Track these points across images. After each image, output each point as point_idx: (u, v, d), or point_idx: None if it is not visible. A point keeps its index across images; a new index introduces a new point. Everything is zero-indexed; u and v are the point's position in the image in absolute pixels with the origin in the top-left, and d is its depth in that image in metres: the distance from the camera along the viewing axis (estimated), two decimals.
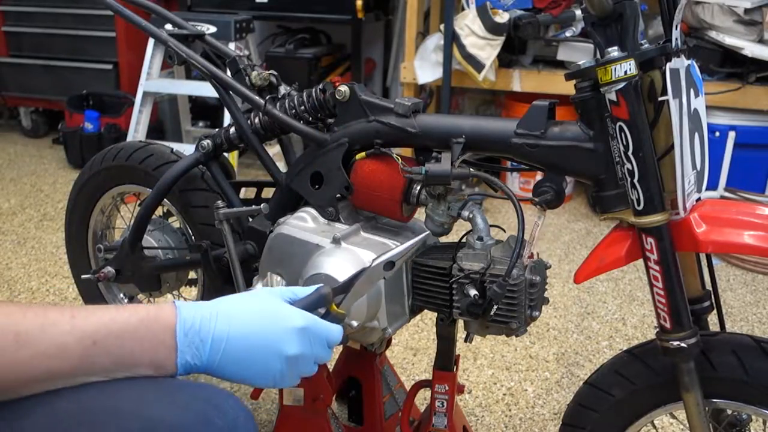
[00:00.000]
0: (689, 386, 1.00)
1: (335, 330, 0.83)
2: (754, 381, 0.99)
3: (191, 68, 1.49)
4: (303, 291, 0.85)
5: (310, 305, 0.83)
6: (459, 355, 1.33)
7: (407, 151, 1.19)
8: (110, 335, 0.71)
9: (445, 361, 1.28)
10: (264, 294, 0.82)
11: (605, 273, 1.13)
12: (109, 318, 0.72)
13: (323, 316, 0.84)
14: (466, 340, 1.20)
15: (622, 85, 0.91)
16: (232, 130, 1.34)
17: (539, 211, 1.05)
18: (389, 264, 0.87)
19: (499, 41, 2.99)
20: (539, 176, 1.07)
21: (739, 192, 2.97)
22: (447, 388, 1.29)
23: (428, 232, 1.14)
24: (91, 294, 1.72)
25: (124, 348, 0.72)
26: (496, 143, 1.08)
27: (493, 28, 2.95)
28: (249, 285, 1.25)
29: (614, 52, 0.91)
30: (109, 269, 1.50)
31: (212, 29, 3.07)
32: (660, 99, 0.94)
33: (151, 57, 3.32)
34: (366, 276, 0.87)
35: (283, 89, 1.33)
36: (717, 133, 2.98)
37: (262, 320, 0.77)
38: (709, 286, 1.11)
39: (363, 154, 1.18)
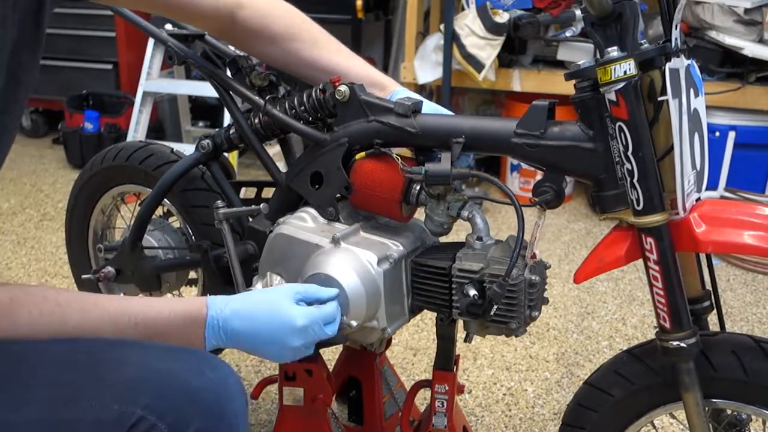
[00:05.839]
0: (689, 386, 1.00)
1: (332, 318, 1.02)
2: (754, 381, 0.99)
3: (191, 68, 1.49)
4: (313, 289, 1.03)
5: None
6: (459, 355, 1.33)
7: (407, 151, 1.19)
8: (153, 322, 0.90)
9: (445, 361, 1.28)
10: (276, 294, 0.99)
11: (605, 273, 1.13)
12: (156, 311, 0.91)
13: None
14: (465, 340, 1.20)
15: (621, 85, 0.91)
16: (232, 130, 1.34)
17: (539, 212, 1.05)
18: None
19: (499, 41, 2.99)
20: (539, 176, 1.08)
21: (739, 192, 2.97)
22: (447, 388, 1.29)
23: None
24: None
25: (164, 335, 0.91)
26: (496, 143, 1.08)
27: (493, 28, 2.95)
28: (249, 285, 1.25)
29: (614, 52, 0.91)
30: (110, 269, 1.50)
31: None
32: (660, 99, 0.94)
33: (151, 57, 3.32)
34: None
35: (283, 89, 1.33)
36: (717, 133, 2.98)
37: (271, 321, 0.95)
38: (709, 286, 1.11)
39: (363, 154, 1.18)
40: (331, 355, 1.76)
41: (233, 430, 0.85)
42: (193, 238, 1.50)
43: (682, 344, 0.98)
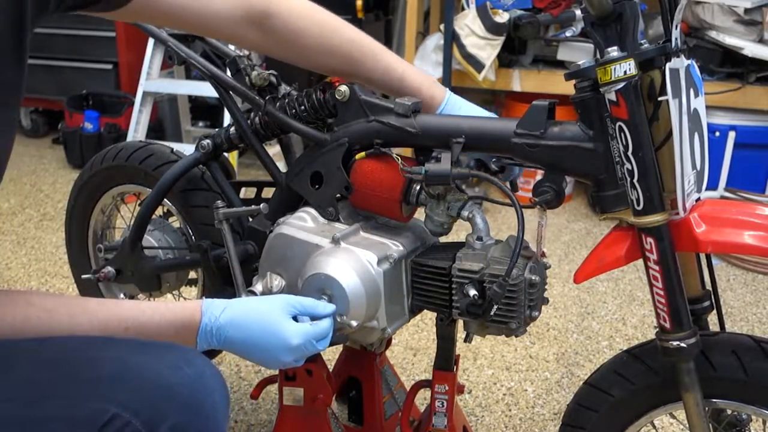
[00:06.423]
0: (689, 386, 1.00)
1: (325, 335, 1.02)
2: (754, 381, 0.99)
3: (191, 68, 1.49)
4: (309, 303, 1.03)
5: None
6: (459, 355, 1.33)
7: (407, 151, 1.19)
8: (143, 328, 0.90)
9: (445, 361, 1.28)
10: (272, 306, 0.99)
11: (605, 273, 1.13)
12: (147, 317, 0.91)
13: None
14: (465, 340, 1.20)
15: (621, 85, 0.91)
16: (232, 130, 1.34)
17: (539, 211, 1.05)
18: None
19: (499, 41, 2.99)
20: (539, 176, 1.07)
21: (739, 192, 2.97)
22: (447, 388, 1.29)
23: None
24: (91, 294, 1.72)
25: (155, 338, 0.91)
26: (496, 143, 1.08)
27: (493, 28, 2.95)
28: (249, 285, 1.25)
29: (614, 52, 0.91)
30: (110, 269, 1.50)
31: None
32: (660, 99, 0.94)
33: (151, 57, 3.32)
34: None
35: (283, 89, 1.33)
36: (717, 133, 2.98)
37: (265, 335, 0.96)
38: (709, 286, 1.11)
39: (363, 153, 1.18)
40: (331, 355, 1.76)
41: (211, 424, 0.84)
42: (193, 238, 1.50)
43: (682, 344, 0.98)
